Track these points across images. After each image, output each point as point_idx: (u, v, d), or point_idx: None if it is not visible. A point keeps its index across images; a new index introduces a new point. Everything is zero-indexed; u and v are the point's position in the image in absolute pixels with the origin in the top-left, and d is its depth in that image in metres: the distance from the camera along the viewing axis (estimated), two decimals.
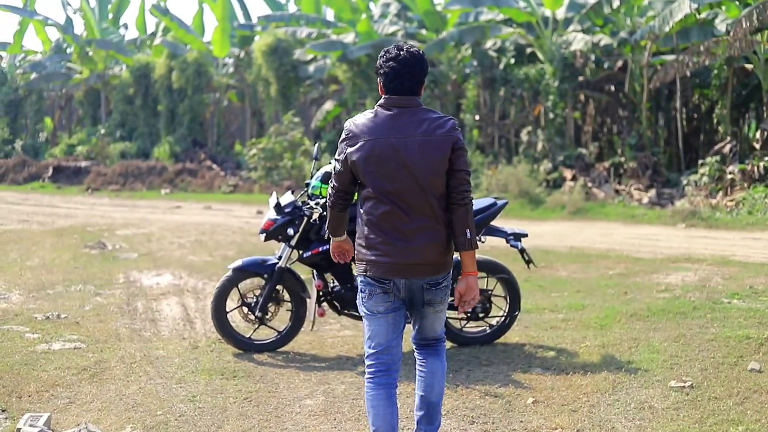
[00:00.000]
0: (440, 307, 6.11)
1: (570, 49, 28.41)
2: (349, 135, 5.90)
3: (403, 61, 5.86)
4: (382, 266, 5.86)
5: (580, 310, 11.75)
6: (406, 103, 5.87)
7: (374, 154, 5.78)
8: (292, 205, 9.72)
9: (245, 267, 9.78)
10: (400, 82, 5.86)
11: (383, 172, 5.78)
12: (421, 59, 5.96)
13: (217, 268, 15.39)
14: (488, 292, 9.93)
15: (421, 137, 5.77)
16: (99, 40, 44.80)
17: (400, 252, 5.82)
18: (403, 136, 5.78)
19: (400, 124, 5.81)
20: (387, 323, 6.02)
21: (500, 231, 9.89)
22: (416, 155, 5.75)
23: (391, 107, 5.87)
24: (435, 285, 5.98)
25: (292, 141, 33.67)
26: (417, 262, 5.84)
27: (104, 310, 12.04)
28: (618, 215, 23.53)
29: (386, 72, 5.88)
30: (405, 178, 5.76)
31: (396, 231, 5.82)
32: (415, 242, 5.81)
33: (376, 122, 5.85)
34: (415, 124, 5.81)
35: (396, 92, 5.87)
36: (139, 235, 20.76)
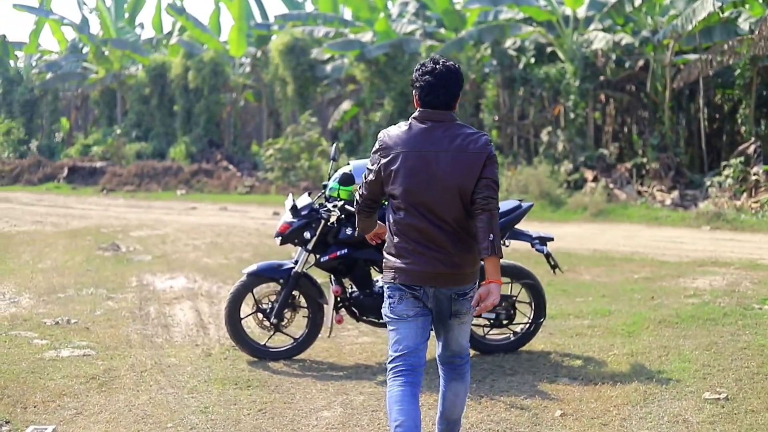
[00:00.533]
0: (465, 318, 6.15)
1: (591, 48, 27.97)
2: (383, 146, 6.00)
3: (439, 75, 5.94)
4: (410, 274, 5.94)
5: (606, 316, 11.42)
6: (440, 117, 5.93)
7: (407, 165, 5.87)
8: (309, 208, 9.44)
9: (260, 272, 9.50)
10: (435, 96, 5.92)
11: (414, 184, 5.86)
12: (457, 73, 6.04)
13: (233, 271, 15.12)
14: (512, 298, 9.62)
15: (454, 152, 5.85)
16: (115, 40, 44.62)
17: (428, 261, 5.89)
18: (436, 150, 5.86)
19: (434, 138, 5.88)
20: (416, 327, 6.04)
21: (525, 234, 9.60)
22: (448, 169, 5.82)
23: (425, 121, 5.95)
24: (462, 295, 6.04)
25: (309, 141, 33.35)
26: (445, 271, 5.91)
27: (116, 314, 11.78)
28: (641, 217, 23.13)
29: (422, 86, 5.96)
30: (436, 190, 5.84)
31: (425, 241, 5.89)
32: (443, 252, 5.88)
33: (410, 135, 5.94)
34: (449, 138, 5.88)
35: (431, 106, 5.94)
36: (153, 236, 20.51)
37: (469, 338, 6.33)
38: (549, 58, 31.12)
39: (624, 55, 28.84)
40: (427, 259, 5.89)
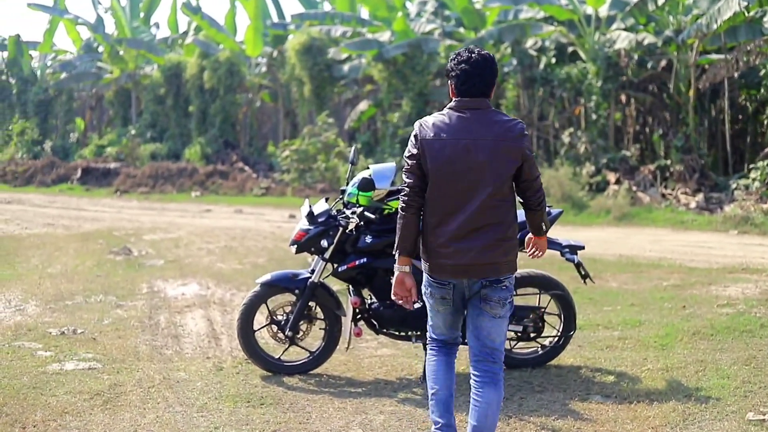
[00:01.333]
0: (499, 310, 6.14)
1: (614, 47, 27.48)
2: (422, 134, 6.05)
3: (475, 63, 6.03)
4: (445, 268, 6.06)
5: (637, 326, 10.91)
6: (477, 105, 6.02)
7: (444, 154, 5.95)
8: (326, 214, 8.98)
9: (274, 282, 9.05)
10: (471, 84, 6.02)
11: (451, 173, 5.95)
12: (492, 62, 6.13)
13: (247, 278, 14.71)
14: (540, 309, 9.13)
15: (491, 140, 5.93)
16: (129, 39, 44.44)
17: (462, 253, 5.98)
18: (474, 138, 5.94)
19: (471, 126, 5.97)
20: (446, 320, 6.29)
21: (554, 243, 9.06)
22: (486, 157, 5.92)
23: (462, 109, 6.03)
24: (496, 282, 6.09)
25: (326, 142, 33.16)
26: (479, 262, 5.99)
27: (124, 324, 11.33)
28: (666, 221, 22.62)
29: (458, 74, 6.04)
30: (472, 179, 5.93)
31: (458, 232, 5.98)
32: (477, 243, 5.97)
33: (447, 123, 6.01)
34: (486, 126, 5.96)
35: (468, 94, 6.03)
36: (166, 240, 20.16)
37: (504, 337, 6.27)
38: (570, 58, 30.75)
39: (646, 55, 28.32)
40: (460, 251, 5.98)
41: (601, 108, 28.26)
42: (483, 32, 31.42)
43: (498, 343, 6.20)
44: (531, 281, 9.11)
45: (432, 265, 6.11)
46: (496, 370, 6.19)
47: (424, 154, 6.01)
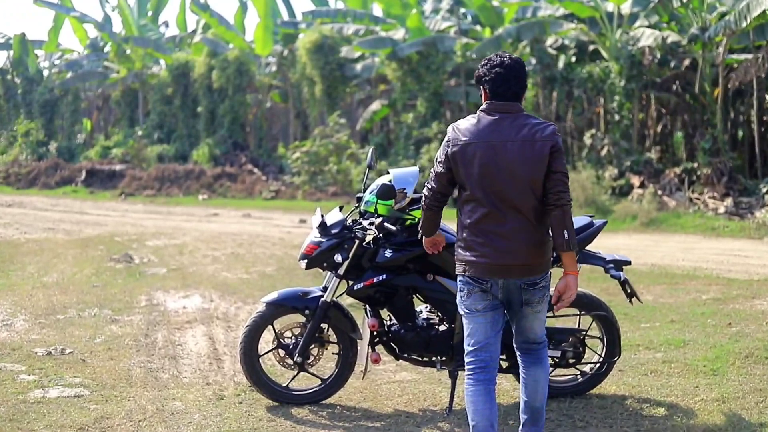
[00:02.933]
0: (539, 307, 6.29)
1: (638, 45, 26.68)
2: (453, 138, 6.15)
3: (509, 67, 6.15)
4: (480, 267, 6.12)
5: (681, 347, 9.93)
6: (509, 108, 6.13)
7: (476, 157, 6.04)
8: (341, 225, 8.01)
9: (282, 301, 8.10)
10: (506, 87, 6.12)
11: (484, 175, 6.04)
12: (523, 66, 6.26)
13: (253, 289, 13.91)
14: (581, 333, 8.20)
15: (521, 141, 6.01)
16: (136, 38, 44.08)
17: (497, 253, 6.07)
18: (504, 140, 6.03)
19: (502, 128, 6.06)
20: (485, 321, 6.25)
21: (597, 258, 8.17)
22: (516, 159, 6.00)
23: (493, 112, 6.13)
24: (533, 285, 6.19)
25: (337, 144, 32.88)
26: (514, 263, 6.08)
27: (118, 343, 10.40)
28: (696, 227, 21.73)
29: (493, 78, 6.13)
30: (505, 180, 6.02)
31: (494, 233, 6.08)
32: (512, 243, 6.05)
33: (478, 126, 6.11)
34: (517, 128, 6.06)
35: (502, 98, 6.13)
36: (170, 246, 19.43)
37: (544, 326, 6.48)
38: (591, 57, 30.12)
39: (668, 54, 27.48)
40: (495, 251, 6.07)
41: (624, 108, 27.56)
42: (501, 30, 30.98)
43: (540, 333, 6.44)
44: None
45: (468, 265, 6.17)
46: (540, 350, 6.47)
47: (455, 159, 6.11)
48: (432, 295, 7.86)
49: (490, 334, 6.27)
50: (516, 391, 8.08)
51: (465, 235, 6.19)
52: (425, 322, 7.95)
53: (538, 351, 6.47)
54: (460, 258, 6.24)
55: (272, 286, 14.03)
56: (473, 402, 6.18)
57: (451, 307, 7.50)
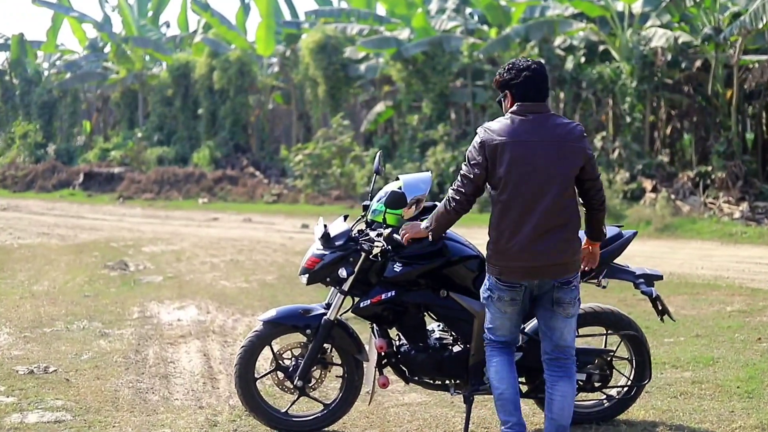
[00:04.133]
0: (570, 309, 6.35)
1: (650, 45, 26.24)
2: (487, 138, 6.19)
3: (535, 70, 6.29)
4: (515, 271, 6.20)
5: (711, 365, 9.25)
6: (539, 108, 6.23)
7: (513, 156, 6.11)
8: (345, 237, 7.27)
9: (281, 319, 7.39)
10: (536, 89, 6.25)
11: (521, 174, 6.11)
12: (545, 68, 6.44)
13: (253, 299, 13.32)
14: (609, 354, 7.50)
15: (556, 141, 6.15)
16: (136, 38, 43.93)
17: (532, 255, 6.14)
18: (540, 140, 6.14)
19: (535, 129, 6.16)
20: (511, 321, 6.45)
21: (626, 272, 7.48)
22: (552, 158, 6.13)
23: (525, 113, 6.21)
24: (566, 284, 6.28)
25: (341, 146, 32.63)
26: (548, 263, 6.18)
27: (105, 360, 9.72)
28: (712, 233, 21.20)
29: (522, 82, 6.24)
30: (540, 181, 6.11)
31: (531, 234, 6.14)
32: (546, 244, 6.14)
33: (512, 127, 6.17)
34: (549, 128, 6.18)
35: (532, 99, 6.22)
36: (167, 252, 18.95)
37: (574, 336, 6.52)
38: (600, 58, 29.74)
39: (679, 55, 26.95)
40: (530, 253, 6.13)
41: (636, 110, 27.07)
42: (508, 29, 30.80)
43: (570, 341, 6.44)
44: (597, 319, 7.50)
45: (503, 269, 6.23)
46: (569, 364, 6.44)
47: (493, 159, 6.14)
48: (445, 313, 7.19)
49: (514, 330, 6.53)
50: (535, 416, 7.57)
51: (498, 237, 6.25)
52: (438, 342, 7.29)
53: (567, 364, 6.45)
54: (494, 262, 6.29)
55: (272, 296, 13.46)
56: (498, 371, 6.43)
57: (467, 326, 7.00)
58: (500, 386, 6.40)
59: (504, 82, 6.34)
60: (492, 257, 6.30)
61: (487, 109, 31.47)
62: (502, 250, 6.20)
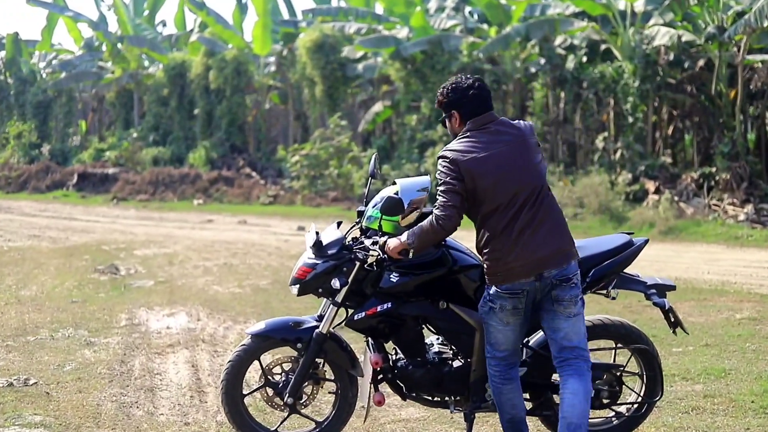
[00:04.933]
0: (571, 308, 6.27)
1: (653, 44, 25.87)
2: (456, 157, 6.23)
3: (480, 87, 6.43)
4: (518, 270, 6.17)
5: (722, 378, 8.85)
6: (491, 117, 6.39)
7: (487, 167, 6.16)
8: (339, 245, 6.84)
9: (270, 333, 6.98)
10: (484, 105, 6.40)
11: (502, 179, 6.16)
12: (486, 84, 6.59)
13: (246, 305, 12.93)
14: (618, 369, 7.08)
15: (518, 141, 6.29)
16: (131, 37, 43.59)
17: (532, 249, 6.15)
18: (504, 144, 6.26)
19: (496, 136, 6.30)
20: (514, 332, 6.33)
21: (637, 282, 7.07)
22: (520, 157, 6.24)
23: (481, 126, 6.34)
24: (565, 281, 6.22)
25: (338, 147, 32.27)
26: (549, 252, 6.18)
27: (89, 371, 9.31)
28: (717, 236, 20.80)
29: (471, 100, 6.38)
30: (517, 180, 6.18)
31: (522, 233, 6.16)
32: (543, 234, 6.18)
33: (475, 142, 6.27)
34: (508, 131, 6.34)
35: (481, 114, 6.38)
36: (160, 256, 18.59)
37: (583, 336, 6.36)
38: (602, 57, 29.34)
39: (682, 54, 26.60)
40: (530, 249, 6.14)
41: (639, 110, 26.67)
42: (508, 28, 30.30)
43: (576, 341, 6.31)
44: (606, 331, 7.10)
45: (505, 273, 6.19)
46: (579, 363, 6.30)
47: (470, 174, 6.16)
48: (445, 326, 6.81)
49: (517, 342, 6.41)
50: None
51: (495, 246, 6.21)
52: (437, 356, 6.91)
53: (577, 362, 6.31)
54: (494, 269, 6.24)
55: (266, 302, 13.08)
56: (510, 398, 6.40)
57: (468, 339, 6.66)
58: (511, 411, 6.42)
59: (449, 102, 6.45)
60: (491, 266, 6.25)
61: None
62: (501, 256, 6.19)
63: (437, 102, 6.57)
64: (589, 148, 29.12)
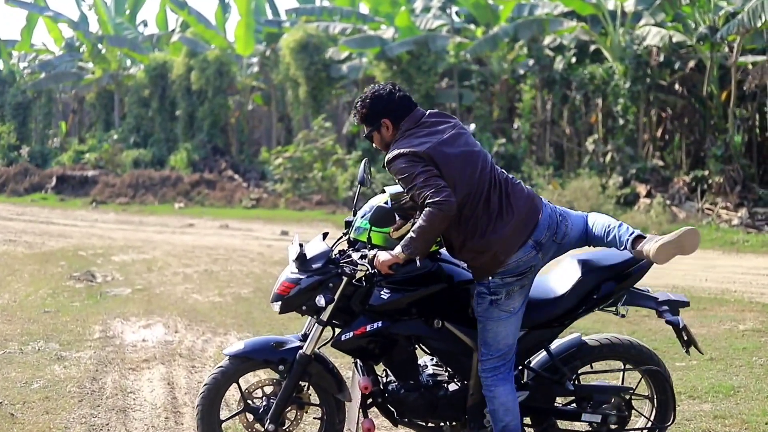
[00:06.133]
0: None
1: (644, 45, 25.55)
2: (416, 150, 6.00)
3: (400, 89, 6.36)
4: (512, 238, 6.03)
5: (731, 395, 8.38)
6: (420, 112, 6.30)
7: (446, 154, 6.02)
8: (324, 258, 6.30)
9: (250, 354, 6.44)
10: (411, 103, 6.30)
11: (464, 166, 6.03)
12: None
13: (226, 315, 12.36)
14: (627, 392, 6.62)
15: (459, 129, 6.24)
16: (111, 37, 42.96)
17: (516, 214, 6.06)
18: (450, 131, 6.18)
19: (439, 125, 6.20)
20: (518, 319, 6.13)
21: (648, 298, 6.60)
22: (467, 142, 6.19)
23: (419, 121, 6.21)
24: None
25: (322, 149, 31.74)
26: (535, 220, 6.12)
27: (58, 390, 8.72)
28: (713, 241, 20.35)
29: (398, 102, 6.25)
30: (476, 163, 6.08)
31: (501, 209, 6.06)
32: (519, 203, 6.12)
33: (422, 136, 6.11)
34: (443, 121, 6.28)
35: (410, 112, 6.24)
36: (138, 262, 17.97)
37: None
38: (591, 58, 29.10)
39: (672, 55, 26.26)
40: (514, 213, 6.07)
41: (630, 112, 26.36)
42: (496, 28, 30.12)
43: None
44: (614, 351, 6.62)
45: (502, 251, 6.01)
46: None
47: (435, 161, 5.97)
48: (440, 346, 6.35)
49: (516, 333, 6.15)
50: None
51: (479, 227, 6.01)
52: (431, 379, 6.45)
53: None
54: (503, 258, 6.01)
55: (247, 312, 12.56)
56: (504, 402, 6.09)
57: (464, 360, 6.25)
58: (506, 418, 6.06)
59: (376, 112, 6.22)
60: (485, 251, 6.00)
61: (474, 110, 30.80)
62: (489, 233, 6.00)
63: (359, 117, 6.31)
64: (578, 151, 28.74)
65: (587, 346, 6.45)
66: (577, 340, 6.45)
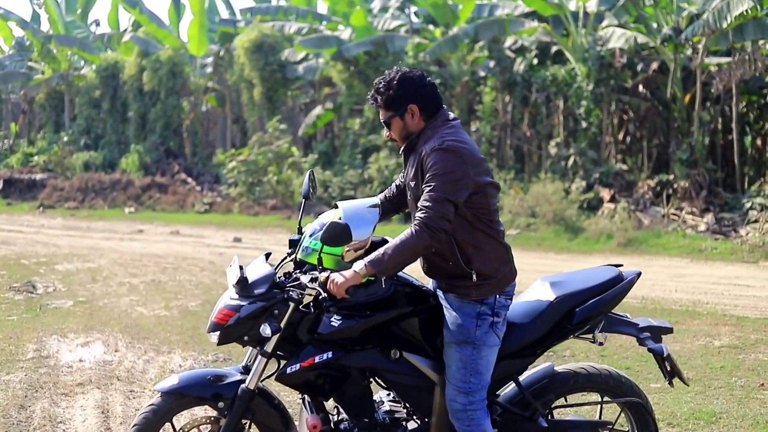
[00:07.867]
0: None
1: (607, 46, 25.28)
2: (470, 151, 5.53)
3: (429, 77, 5.82)
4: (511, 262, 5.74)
5: (713, 423, 7.83)
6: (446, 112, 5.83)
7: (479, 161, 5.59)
8: (268, 282, 5.57)
9: (185, 389, 5.69)
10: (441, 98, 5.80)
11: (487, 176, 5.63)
12: None
13: (171, 332, 11.66)
14: (606, 426, 6.10)
15: None
16: (60, 36, 42.21)
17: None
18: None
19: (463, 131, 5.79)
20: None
21: (628, 324, 6.08)
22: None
23: (446, 121, 5.71)
24: None
25: (277, 152, 31.35)
26: None
27: None
28: (680, 248, 19.97)
29: (431, 88, 5.71)
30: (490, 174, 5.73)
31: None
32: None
33: (462, 135, 5.63)
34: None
35: (441, 106, 5.78)
36: (83, 271, 17.26)
37: None
38: (553, 59, 28.79)
39: (635, 56, 25.90)
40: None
41: (593, 115, 25.95)
42: (456, 29, 29.79)
43: None
44: (590, 382, 6.04)
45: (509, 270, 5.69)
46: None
47: (481, 175, 5.54)
48: (397, 380, 5.70)
49: None
50: None
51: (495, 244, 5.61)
52: (388, 417, 5.84)
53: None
54: (502, 270, 5.61)
55: (194, 327, 11.84)
56: None
57: (425, 395, 5.65)
58: None
59: (404, 96, 5.62)
60: (498, 268, 5.57)
61: None
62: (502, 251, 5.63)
63: (383, 100, 5.65)
64: (539, 154, 28.33)
65: (561, 376, 5.85)
66: (550, 371, 5.85)
